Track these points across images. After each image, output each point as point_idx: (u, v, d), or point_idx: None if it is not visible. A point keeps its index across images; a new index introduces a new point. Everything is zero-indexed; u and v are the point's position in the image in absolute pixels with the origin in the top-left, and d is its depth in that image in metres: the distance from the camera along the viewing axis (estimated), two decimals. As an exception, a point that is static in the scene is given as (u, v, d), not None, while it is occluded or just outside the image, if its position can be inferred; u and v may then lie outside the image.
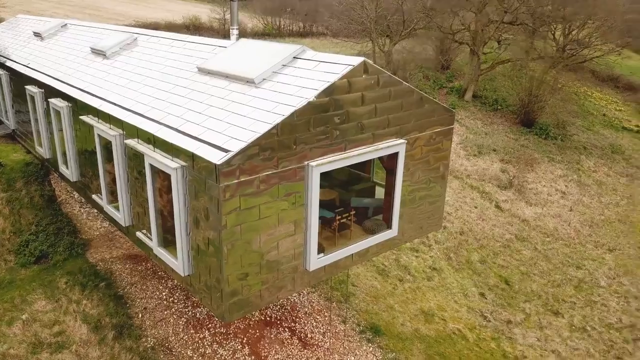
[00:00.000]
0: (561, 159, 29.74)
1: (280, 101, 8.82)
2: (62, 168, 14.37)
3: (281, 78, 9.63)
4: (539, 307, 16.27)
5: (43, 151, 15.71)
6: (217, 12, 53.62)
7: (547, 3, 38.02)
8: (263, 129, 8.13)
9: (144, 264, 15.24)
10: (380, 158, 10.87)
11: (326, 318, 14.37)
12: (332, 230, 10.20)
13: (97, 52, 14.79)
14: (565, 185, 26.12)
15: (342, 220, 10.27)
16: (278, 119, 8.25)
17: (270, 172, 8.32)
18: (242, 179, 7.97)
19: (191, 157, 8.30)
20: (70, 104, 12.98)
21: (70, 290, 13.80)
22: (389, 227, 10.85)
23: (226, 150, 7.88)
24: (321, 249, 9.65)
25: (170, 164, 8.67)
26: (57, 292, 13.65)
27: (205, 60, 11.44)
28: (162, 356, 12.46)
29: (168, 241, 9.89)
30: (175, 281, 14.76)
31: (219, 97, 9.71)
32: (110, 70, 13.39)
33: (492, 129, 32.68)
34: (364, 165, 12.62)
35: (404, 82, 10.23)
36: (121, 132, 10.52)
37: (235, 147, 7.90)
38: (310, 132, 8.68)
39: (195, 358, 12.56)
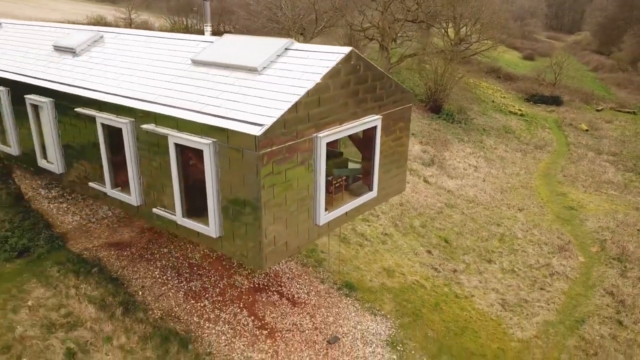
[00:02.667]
0: (468, 139, 33.84)
1: (289, 84, 10.55)
2: (42, 162, 14.83)
3: (280, 66, 11.35)
4: (475, 257, 19.33)
5: (10, 149, 15.91)
6: (123, 11, 52.80)
7: (440, 4, 42.37)
8: (286, 106, 9.87)
9: (128, 249, 16.07)
10: (349, 135, 12.98)
11: (306, 280, 16.22)
12: (330, 193, 12.10)
13: (64, 50, 15.29)
14: (476, 161, 30.00)
15: (337, 185, 12.24)
16: (296, 98, 10.02)
17: (292, 143, 10.07)
18: (274, 148, 9.67)
19: (225, 133, 9.78)
20: (53, 99, 13.60)
21: (64, 278, 14.39)
22: (370, 189, 12.98)
23: (260, 125, 9.52)
24: (325, 208, 11.53)
25: (202, 140, 10.08)
26: (53, 280, 14.19)
27: (197, 53, 12.74)
28: (171, 324, 13.63)
29: (191, 212, 11.24)
30: (163, 261, 15.81)
31: (229, 84, 11.21)
32: (90, 66, 14.08)
33: (405, 117, 35.88)
34: (333, 143, 14.59)
35: (378, 67, 12.38)
36: (132, 119, 11.57)
37: (268, 121, 9.56)
38: (317, 109, 10.53)
39: (201, 323, 13.86)
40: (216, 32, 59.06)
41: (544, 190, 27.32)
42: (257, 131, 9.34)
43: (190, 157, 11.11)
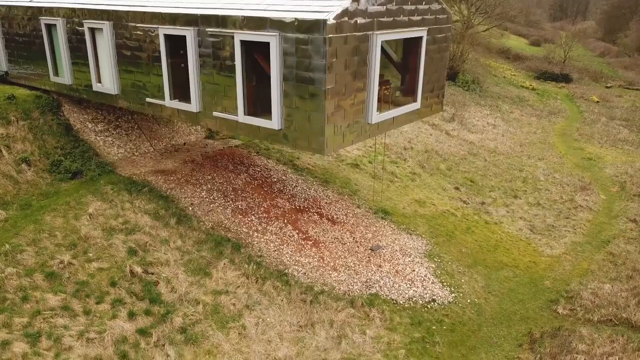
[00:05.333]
0: (484, 103, 34.59)
1: (346, -14, 11.23)
2: (97, 86, 15.59)
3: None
4: (501, 194, 20.09)
5: (63, 79, 16.68)
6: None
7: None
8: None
9: (173, 175, 16.84)
10: (387, 55, 13.71)
11: (344, 205, 16.98)
12: (379, 99, 12.83)
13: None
14: (494, 120, 30.75)
15: (385, 92, 12.98)
16: (356, -6, 10.73)
17: (352, 34, 10.79)
18: (338, 35, 10.40)
19: (293, 23, 10.48)
20: (112, 22, 14.35)
21: (118, 194, 15.17)
22: (415, 100, 13.73)
23: (326, 12, 10.25)
24: (377, 108, 12.28)
25: (269, 33, 10.82)
26: (108, 196, 14.97)
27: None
28: (223, 232, 14.41)
29: (251, 112, 12.02)
30: (208, 185, 16.58)
31: (287, -10, 11.89)
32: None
33: (421, 86, 36.64)
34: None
35: (425, -19, 13.08)
36: (195, 27, 12.30)
37: (334, 9, 10.29)
38: (374, 7, 11.22)
39: (250, 233, 14.64)
40: None
41: (562, 145, 28.07)
42: (324, 16, 10.08)
43: (254, 59, 11.85)
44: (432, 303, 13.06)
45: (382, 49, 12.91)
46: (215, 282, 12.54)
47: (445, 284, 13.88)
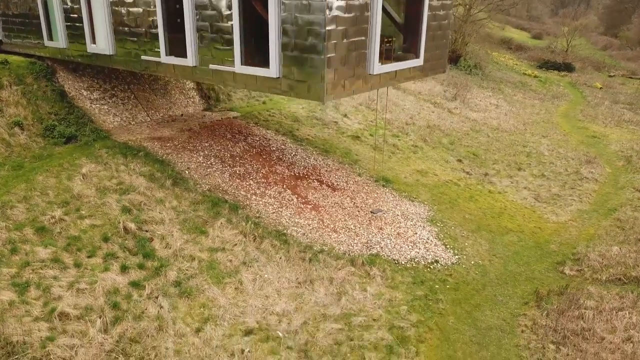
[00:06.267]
0: (487, 86, 34.22)
1: None
2: (92, 47, 15.21)
3: None
4: (504, 166, 19.70)
5: (58, 43, 16.31)
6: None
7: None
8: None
9: (170, 142, 16.46)
10: (388, 14, 13.29)
11: (344, 173, 16.59)
12: (381, 53, 12.44)
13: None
14: (496, 101, 30.37)
15: (387, 45, 12.58)
16: None
17: (353, -21, 10.40)
18: (338, -24, 9.99)
19: (290, -36, 10.12)
20: (106, -21, 13.97)
21: (113, 157, 14.79)
22: (417, 56, 13.33)
23: (326, -49, 9.85)
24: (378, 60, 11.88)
25: (266, -25, 10.42)
26: (102, 159, 14.59)
27: None
28: (220, 195, 14.02)
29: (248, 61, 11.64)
30: (206, 152, 16.20)
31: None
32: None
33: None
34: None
35: None
36: (190, -23, 11.92)
37: (333, -51, 9.89)
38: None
39: (249, 196, 14.26)
40: None
41: (566, 125, 27.66)
42: (324, -46, 9.69)
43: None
44: (435, 264, 12.67)
45: (385, 10, 12.56)
46: (212, 239, 12.16)
47: (448, 246, 13.50)
